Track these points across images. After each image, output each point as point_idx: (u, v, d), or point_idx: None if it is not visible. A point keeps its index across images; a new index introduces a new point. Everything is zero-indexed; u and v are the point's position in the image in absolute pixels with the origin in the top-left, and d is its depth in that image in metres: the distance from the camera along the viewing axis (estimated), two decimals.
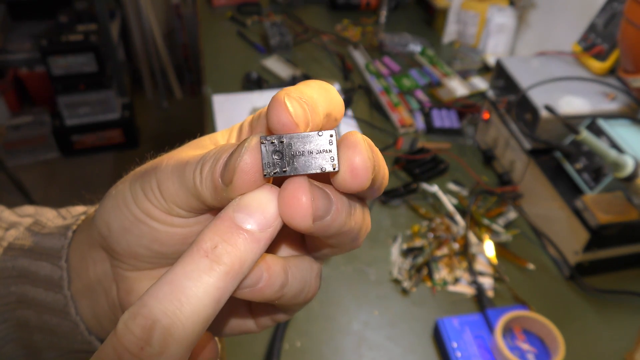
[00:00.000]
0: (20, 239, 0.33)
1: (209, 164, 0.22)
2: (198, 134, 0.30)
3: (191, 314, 0.19)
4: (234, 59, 1.35)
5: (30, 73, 2.40)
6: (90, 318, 0.31)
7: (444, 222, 0.89)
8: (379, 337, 0.74)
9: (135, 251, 0.26)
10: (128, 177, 0.26)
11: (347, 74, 1.28)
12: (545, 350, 0.70)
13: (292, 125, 0.21)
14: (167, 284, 0.19)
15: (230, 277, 0.20)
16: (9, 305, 0.32)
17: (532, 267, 0.83)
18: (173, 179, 0.23)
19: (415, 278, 0.81)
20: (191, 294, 0.19)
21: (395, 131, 1.11)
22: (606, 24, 0.96)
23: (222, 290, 0.20)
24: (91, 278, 0.30)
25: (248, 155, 0.20)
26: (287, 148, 0.21)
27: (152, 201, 0.24)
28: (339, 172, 0.21)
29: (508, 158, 0.97)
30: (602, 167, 0.78)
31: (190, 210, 0.24)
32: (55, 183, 2.29)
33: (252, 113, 1.12)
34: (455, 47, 1.42)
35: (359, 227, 0.24)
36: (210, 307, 0.20)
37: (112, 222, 0.26)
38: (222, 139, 0.27)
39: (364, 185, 0.21)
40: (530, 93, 0.89)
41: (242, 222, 0.20)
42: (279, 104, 0.21)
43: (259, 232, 0.20)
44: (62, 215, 0.35)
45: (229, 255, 0.20)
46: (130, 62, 2.81)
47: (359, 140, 0.21)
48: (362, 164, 0.21)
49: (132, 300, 0.28)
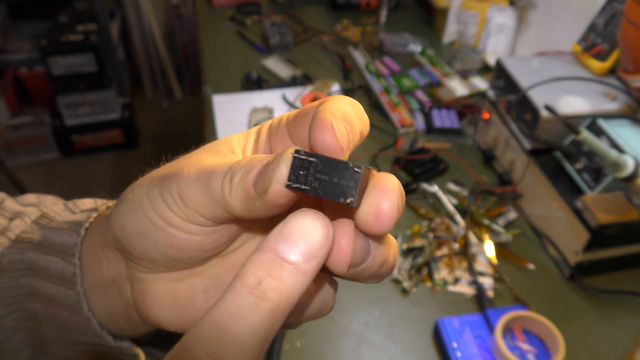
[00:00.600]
0: (28, 232, 0.33)
1: (239, 174, 0.22)
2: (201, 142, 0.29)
3: (239, 357, 0.18)
4: (234, 59, 1.35)
5: (30, 73, 2.40)
6: (102, 314, 0.31)
7: (444, 222, 0.89)
8: (379, 337, 0.74)
9: (151, 255, 0.26)
10: (144, 181, 0.26)
11: (347, 74, 1.28)
12: (545, 351, 0.70)
13: (336, 149, 0.21)
14: (210, 324, 0.18)
15: (278, 314, 0.19)
16: (17, 297, 0.32)
17: (532, 267, 0.83)
18: (197, 187, 0.23)
19: (415, 278, 0.81)
20: (237, 335, 0.18)
21: (395, 131, 1.11)
22: (606, 24, 0.96)
23: (270, 328, 0.19)
24: (105, 276, 0.30)
25: (284, 167, 0.20)
26: (314, 168, 0.20)
27: (172, 208, 0.24)
28: (361, 212, 0.21)
29: (508, 158, 0.97)
30: (602, 167, 0.78)
31: (213, 219, 0.24)
32: (55, 183, 2.29)
33: (252, 113, 1.12)
34: (455, 47, 1.42)
35: (389, 269, 0.24)
36: (258, 347, 0.19)
37: (128, 226, 0.25)
38: (237, 143, 0.27)
39: (385, 231, 0.21)
40: (531, 93, 0.89)
41: (286, 253, 0.19)
42: (326, 125, 0.21)
43: (304, 263, 0.19)
44: (69, 209, 0.34)
45: (275, 291, 0.19)
46: (130, 62, 2.81)
47: (393, 187, 0.21)
48: (389, 211, 0.20)
49: (147, 301, 0.27)
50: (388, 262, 0.23)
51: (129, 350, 0.32)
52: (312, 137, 0.21)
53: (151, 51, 2.63)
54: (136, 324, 0.30)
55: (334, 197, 0.20)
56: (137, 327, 0.31)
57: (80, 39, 2.07)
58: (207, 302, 0.27)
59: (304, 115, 0.24)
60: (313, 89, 1.20)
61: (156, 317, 0.28)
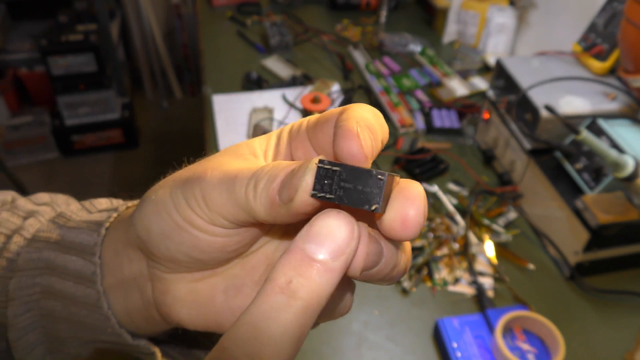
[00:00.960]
0: (45, 231, 0.33)
1: (263, 180, 0.22)
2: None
3: (274, 355, 0.19)
4: (234, 59, 1.35)
5: (30, 73, 2.39)
6: (121, 313, 0.31)
7: (444, 222, 0.89)
8: (379, 337, 0.74)
9: (174, 256, 0.26)
10: (167, 183, 0.26)
11: (347, 74, 1.28)
12: (545, 351, 0.70)
13: (361, 157, 0.22)
14: (245, 325, 0.19)
15: (309, 312, 0.19)
16: (34, 296, 0.32)
17: (532, 267, 0.83)
18: (220, 191, 0.23)
19: (415, 278, 0.81)
20: (271, 334, 0.19)
21: (395, 131, 1.11)
22: (606, 23, 0.96)
23: (303, 326, 0.19)
24: (125, 275, 0.30)
25: (310, 176, 0.21)
26: (339, 177, 0.21)
27: (196, 210, 0.24)
28: (388, 219, 0.21)
29: (508, 158, 0.97)
30: (602, 167, 0.78)
31: (236, 222, 0.24)
32: (55, 183, 2.29)
33: (252, 113, 1.12)
34: (455, 47, 1.42)
35: (402, 273, 0.25)
36: (292, 345, 0.19)
37: (152, 227, 0.26)
38: (259, 146, 0.27)
39: (411, 237, 0.21)
40: (531, 93, 0.89)
41: (314, 253, 0.20)
42: (352, 134, 0.22)
43: (332, 261, 0.20)
44: (86, 209, 0.35)
45: (305, 289, 0.19)
46: (130, 62, 2.81)
47: (419, 195, 0.22)
48: (416, 218, 0.21)
49: (168, 300, 0.28)
50: (400, 266, 0.24)
51: (146, 349, 0.33)
52: (338, 146, 0.22)
53: (151, 51, 2.63)
54: (155, 322, 0.31)
55: (359, 204, 0.21)
56: (156, 325, 0.31)
57: (80, 39, 2.07)
58: (226, 301, 0.28)
59: (325, 121, 0.25)
60: (313, 89, 1.20)
61: (177, 316, 0.28)
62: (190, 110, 2.76)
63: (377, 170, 0.21)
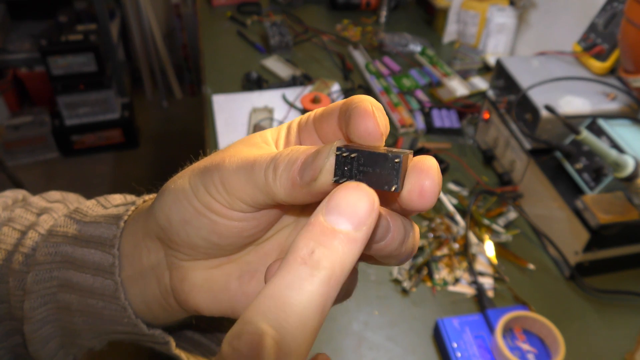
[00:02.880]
0: (62, 226, 0.34)
1: (283, 163, 0.23)
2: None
3: (299, 325, 0.18)
4: (234, 59, 1.35)
5: (29, 73, 2.39)
6: (138, 303, 0.32)
7: (444, 222, 0.89)
8: (379, 337, 0.74)
9: (194, 242, 0.27)
10: (186, 173, 0.27)
11: (347, 74, 1.28)
12: (545, 351, 0.70)
13: (378, 135, 0.23)
14: (268, 297, 0.19)
15: (333, 281, 0.19)
16: (50, 289, 0.33)
17: (532, 267, 0.83)
18: (239, 175, 0.25)
19: (415, 278, 0.81)
20: (295, 304, 0.19)
21: (395, 131, 1.11)
22: (606, 23, 0.96)
23: (326, 296, 0.19)
24: (144, 265, 0.31)
25: (332, 158, 0.22)
26: (357, 162, 0.22)
27: (214, 195, 0.26)
28: (406, 192, 0.22)
29: (508, 158, 0.97)
30: (602, 167, 0.78)
31: (254, 206, 0.25)
32: (54, 183, 2.29)
33: (252, 113, 1.12)
34: (456, 47, 1.42)
35: (410, 250, 0.25)
36: (317, 315, 0.19)
37: (172, 215, 0.27)
38: (271, 136, 0.29)
39: (429, 207, 0.23)
40: (531, 93, 0.89)
41: (335, 224, 0.20)
42: (368, 113, 0.23)
43: (354, 231, 0.20)
44: (101, 204, 0.36)
45: (328, 259, 0.19)
46: (130, 62, 2.81)
47: (433, 166, 0.23)
48: (431, 188, 0.22)
49: (185, 287, 0.29)
50: (407, 244, 0.25)
51: (161, 338, 0.33)
52: (355, 125, 0.23)
53: (151, 51, 2.63)
54: (172, 310, 0.32)
55: (380, 186, 0.22)
56: (173, 314, 0.32)
57: (80, 39, 2.07)
58: (240, 287, 0.29)
59: (329, 113, 0.26)
60: (313, 89, 1.20)
61: (194, 302, 0.29)
62: (190, 110, 2.76)
63: (392, 153, 0.22)
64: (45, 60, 2.04)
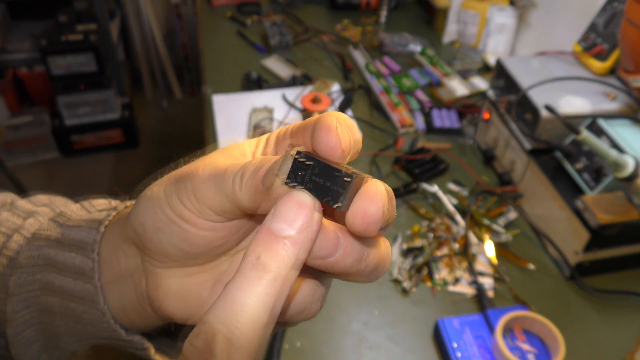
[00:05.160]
0: (45, 229, 0.35)
1: (249, 171, 0.24)
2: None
3: (248, 322, 0.20)
4: (234, 59, 1.35)
5: (29, 73, 2.39)
6: (116, 307, 0.33)
7: (444, 222, 0.89)
8: (379, 337, 0.74)
9: (166, 249, 0.28)
10: (163, 181, 0.28)
11: (347, 74, 1.28)
12: (545, 351, 0.70)
13: (337, 151, 0.23)
14: (222, 299, 0.21)
15: (279, 282, 0.21)
16: (33, 292, 0.34)
17: (532, 267, 0.83)
18: (209, 184, 0.25)
19: (416, 278, 0.81)
20: (244, 303, 0.20)
21: (395, 131, 1.11)
22: (606, 23, 0.96)
23: (274, 296, 0.21)
24: (122, 270, 0.32)
25: (287, 164, 0.23)
26: (311, 171, 0.22)
27: (186, 204, 0.26)
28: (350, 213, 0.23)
29: (508, 158, 0.97)
30: (602, 167, 0.78)
31: (222, 214, 0.26)
32: (54, 183, 2.29)
33: (252, 113, 1.12)
34: (456, 47, 1.42)
35: (371, 268, 0.25)
36: (266, 314, 0.21)
37: (146, 222, 0.28)
38: (249, 148, 0.29)
39: (371, 232, 0.23)
40: (531, 93, 0.89)
41: (278, 230, 0.22)
42: (330, 128, 0.23)
43: (296, 235, 0.22)
44: (85, 208, 0.37)
45: (273, 262, 0.21)
46: (130, 62, 2.80)
47: (380, 193, 0.23)
48: (375, 214, 0.22)
49: (160, 294, 0.30)
50: (369, 261, 0.25)
51: (140, 344, 0.34)
52: (316, 138, 0.23)
53: (151, 51, 2.63)
54: (148, 317, 0.32)
55: (325, 199, 0.22)
56: (148, 320, 0.33)
57: (80, 39, 2.07)
58: (213, 296, 0.30)
59: (304, 127, 0.26)
60: (313, 89, 1.20)
61: (167, 309, 0.30)
62: (190, 110, 2.76)
63: (346, 172, 0.22)
64: (45, 60, 2.04)
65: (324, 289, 0.28)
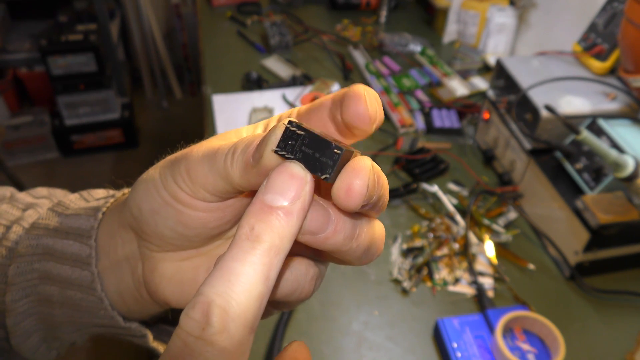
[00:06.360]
0: (44, 218, 0.35)
1: (241, 147, 0.24)
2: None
3: (243, 291, 0.20)
4: (234, 58, 1.35)
5: (29, 73, 2.39)
6: (114, 294, 0.33)
7: (444, 222, 0.89)
8: (379, 337, 0.74)
9: (162, 232, 0.28)
10: (159, 164, 0.28)
11: (347, 74, 1.28)
12: (545, 351, 0.70)
13: (366, 118, 0.23)
14: (217, 270, 0.21)
15: (273, 252, 0.21)
16: (31, 282, 0.34)
17: (532, 267, 0.83)
18: (203, 164, 0.25)
19: (415, 278, 0.81)
20: (239, 273, 0.21)
21: (395, 131, 1.11)
22: (607, 23, 0.96)
23: (268, 265, 0.21)
24: (119, 256, 0.32)
25: (277, 134, 0.22)
26: (302, 141, 0.22)
27: (180, 185, 0.26)
28: (335, 187, 0.23)
29: (508, 158, 0.97)
30: (602, 167, 0.78)
31: (216, 194, 0.26)
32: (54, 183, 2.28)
33: (252, 113, 1.12)
34: (456, 47, 1.42)
35: (363, 248, 0.25)
36: (261, 284, 0.21)
37: (143, 204, 0.28)
38: (246, 133, 0.29)
39: (355, 206, 0.22)
40: (531, 93, 0.89)
41: (271, 201, 0.22)
42: (359, 96, 0.23)
43: (290, 205, 0.22)
44: (84, 198, 0.37)
45: (267, 232, 0.21)
46: (130, 62, 2.81)
47: (366, 167, 0.23)
48: (359, 188, 0.22)
49: (155, 279, 0.30)
50: (361, 239, 0.25)
51: (138, 331, 0.34)
52: (345, 107, 0.24)
53: (151, 51, 2.63)
54: (145, 303, 0.32)
55: (313, 170, 0.22)
56: (145, 306, 0.33)
57: (80, 39, 2.07)
58: None
59: (317, 107, 0.26)
60: (313, 89, 1.20)
61: (163, 293, 0.30)
62: (190, 110, 2.76)
63: (336, 144, 0.22)
64: (45, 60, 2.04)
65: (317, 269, 0.28)
